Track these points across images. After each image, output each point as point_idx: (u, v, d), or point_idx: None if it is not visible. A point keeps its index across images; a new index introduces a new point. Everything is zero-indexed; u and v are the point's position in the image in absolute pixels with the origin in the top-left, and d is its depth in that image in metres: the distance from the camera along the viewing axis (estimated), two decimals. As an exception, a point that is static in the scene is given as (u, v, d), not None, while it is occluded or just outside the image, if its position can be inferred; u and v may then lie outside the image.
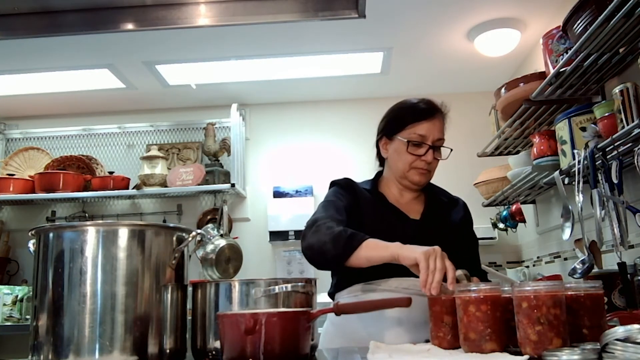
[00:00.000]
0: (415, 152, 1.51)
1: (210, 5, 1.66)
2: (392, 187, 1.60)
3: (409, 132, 1.51)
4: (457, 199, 1.68)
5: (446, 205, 1.63)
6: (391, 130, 1.56)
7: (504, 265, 3.45)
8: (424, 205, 1.59)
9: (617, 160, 1.69)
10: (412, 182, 1.55)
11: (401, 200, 1.59)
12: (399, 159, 1.54)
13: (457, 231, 1.57)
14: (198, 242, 1.27)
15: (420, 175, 1.53)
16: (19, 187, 3.46)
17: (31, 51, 2.93)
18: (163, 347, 1.05)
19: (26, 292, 3.14)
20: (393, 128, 1.56)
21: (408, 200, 1.59)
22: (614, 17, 1.55)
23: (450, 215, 1.61)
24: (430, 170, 1.54)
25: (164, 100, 3.74)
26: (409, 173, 1.53)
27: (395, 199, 1.58)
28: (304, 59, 3.19)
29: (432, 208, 1.58)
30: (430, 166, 1.53)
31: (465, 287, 1.03)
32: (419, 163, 1.51)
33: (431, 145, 1.50)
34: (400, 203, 1.58)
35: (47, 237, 1.05)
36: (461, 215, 1.63)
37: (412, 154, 1.51)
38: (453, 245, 1.26)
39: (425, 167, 1.52)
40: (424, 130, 1.50)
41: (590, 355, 0.81)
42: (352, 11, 1.67)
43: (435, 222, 1.55)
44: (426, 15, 2.71)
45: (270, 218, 3.55)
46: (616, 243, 1.59)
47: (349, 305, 1.10)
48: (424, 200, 1.61)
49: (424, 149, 1.50)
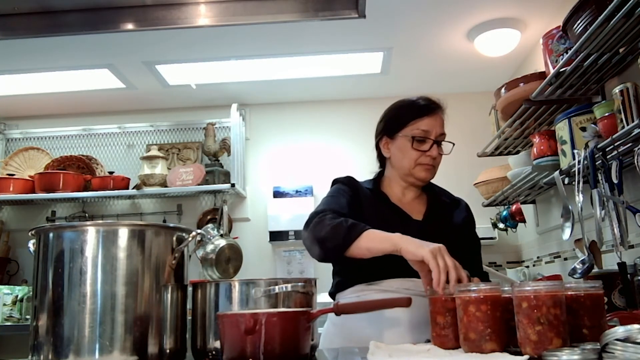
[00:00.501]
0: (420, 148, 1.51)
1: (210, 5, 1.66)
2: (395, 187, 1.60)
3: (412, 128, 1.51)
4: (459, 199, 1.68)
5: (448, 206, 1.63)
6: (392, 129, 1.56)
7: (504, 265, 3.45)
8: (426, 205, 1.59)
9: (617, 160, 1.69)
10: (418, 179, 1.55)
11: (403, 200, 1.59)
12: (403, 156, 1.54)
13: (459, 232, 1.57)
14: (198, 242, 1.27)
15: (426, 171, 1.53)
16: (19, 187, 3.46)
17: (31, 51, 2.93)
18: (163, 347, 1.05)
19: (26, 292, 3.14)
20: (394, 127, 1.56)
21: (410, 200, 1.59)
22: (614, 17, 1.55)
23: (453, 216, 1.61)
24: (435, 165, 1.54)
25: (164, 100, 3.74)
26: (415, 170, 1.53)
27: (397, 198, 1.58)
28: (304, 59, 3.19)
29: (434, 209, 1.58)
30: (435, 161, 1.53)
31: (465, 287, 1.03)
32: (424, 159, 1.52)
33: (435, 140, 1.51)
34: (403, 203, 1.58)
35: (47, 237, 1.05)
36: (464, 216, 1.62)
37: (417, 150, 1.51)
38: (455, 246, 1.26)
39: (431, 162, 1.52)
40: (427, 126, 1.51)
41: (590, 355, 0.81)
42: (352, 11, 1.68)
43: (438, 223, 1.54)
44: (426, 15, 2.71)
45: (270, 218, 3.55)
46: (616, 243, 1.59)
47: (349, 305, 1.10)
48: (426, 200, 1.61)
49: (429, 144, 1.51)
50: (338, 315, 1.07)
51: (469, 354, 0.98)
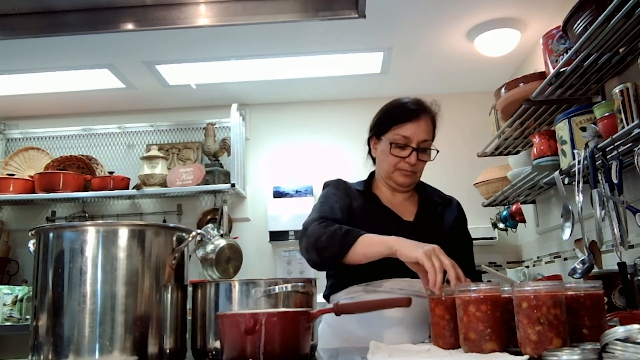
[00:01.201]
0: (398, 154, 1.51)
1: (210, 5, 1.66)
2: (384, 188, 1.60)
3: (394, 133, 1.51)
4: (450, 198, 1.67)
5: (440, 205, 1.62)
6: (379, 131, 1.57)
7: (504, 265, 3.45)
8: (417, 206, 1.59)
9: (617, 160, 1.69)
10: (397, 184, 1.55)
11: (394, 201, 1.59)
12: (384, 159, 1.55)
13: (451, 231, 1.56)
14: (198, 242, 1.27)
15: (404, 176, 1.53)
16: (19, 187, 3.46)
17: (31, 51, 2.93)
18: (163, 347, 1.05)
19: (26, 292, 3.14)
20: (380, 128, 1.56)
21: (401, 200, 1.59)
22: (614, 17, 1.55)
23: (444, 216, 1.60)
24: (415, 171, 1.53)
25: (164, 100, 3.74)
26: (394, 174, 1.53)
27: (388, 200, 1.58)
28: (304, 59, 3.19)
29: (425, 209, 1.58)
30: (414, 167, 1.52)
31: (465, 287, 1.03)
32: (403, 165, 1.51)
33: (415, 147, 1.50)
34: (394, 204, 1.57)
35: (47, 237, 1.05)
36: (455, 215, 1.62)
37: (395, 155, 1.51)
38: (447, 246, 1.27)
39: (409, 168, 1.51)
40: (409, 132, 1.49)
41: (590, 355, 0.81)
42: (352, 11, 1.68)
43: (429, 223, 1.54)
44: (426, 15, 2.71)
45: (270, 218, 3.56)
46: (616, 243, 1.59)
47: (349, 305, 1.10)
48: (417, 200, 1.61)
49: (408, 151, 1.50)
50: (338, 316, 1.07)
51: (469, 354, 0.98)
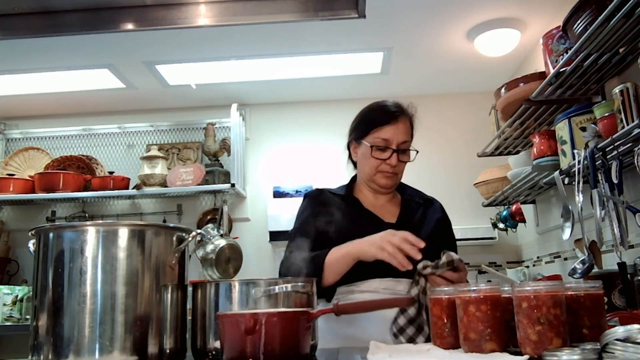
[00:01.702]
0: (379, 157, 1.53)
1: (210, 5, 1.66)
2: (366, 191, 1.62)
3: (373, 136, 1.54)
4: (432, 199, 1.68)
5: (422, 206, 1.63)
6: (358, 135, 1.59)
7: (504, 265, 3.45)
8: (399, 207, 1.60)
9: (617, 160, 1.69)
10: (379, 186, 1.57)
11: (376, 203, 1.60)
12: (365, 163, 1.57)
13: (433, 232, 1.56)
14: (198, 242, 1.27)
15: (386, 178, 1.55)
16: (19, 187, 3.46)
17: (31, 51, 2.93)
18: (163, 347, 1.05)
19: (26, 292, 3.14)
20: (360, 132, 1.58)
21: (383, 203, 1.61)
22: (614, 17, 1.55)
23: (426, 216, 1.61)
24: (396, 172, 1.56)
25: (164, 100, 3.74)
26: (376, 177, 1.55)
27: (370, 203, 1.60)
28: (304, 59, 3.19)
29: (407, 210, 1.59)
30: (395, 169, 1.54)
31: (465, 287, 1.03)
32: (384, 167, 1.53)
33: (395, 149, 1.52)
34: (375, 207, 1.59)
35: (47, 237, 1.05)
36: (438, 217, 1.62)
37: (376, 158, 1.53)
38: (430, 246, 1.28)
39: (391, 170, 1.53)
40: (388, 134, 1.52)
41: (590, 355, 0.81)
42: (352, 11, 1.67)
43: (411, 224, 1.54)
44: (426, 15, 2.71)
45: (270, 218, 3.55)
46: (616, 243, 1.59)
47: (349, 305, 1.10)
48: (400, 202, 1.61)
49: (388, 153, 1.52)
50: (338, 316, 1.08)
51: (469, 354, 0.98)
